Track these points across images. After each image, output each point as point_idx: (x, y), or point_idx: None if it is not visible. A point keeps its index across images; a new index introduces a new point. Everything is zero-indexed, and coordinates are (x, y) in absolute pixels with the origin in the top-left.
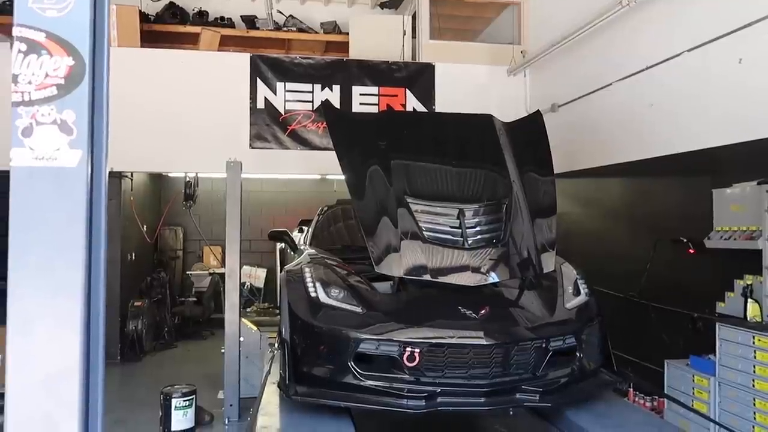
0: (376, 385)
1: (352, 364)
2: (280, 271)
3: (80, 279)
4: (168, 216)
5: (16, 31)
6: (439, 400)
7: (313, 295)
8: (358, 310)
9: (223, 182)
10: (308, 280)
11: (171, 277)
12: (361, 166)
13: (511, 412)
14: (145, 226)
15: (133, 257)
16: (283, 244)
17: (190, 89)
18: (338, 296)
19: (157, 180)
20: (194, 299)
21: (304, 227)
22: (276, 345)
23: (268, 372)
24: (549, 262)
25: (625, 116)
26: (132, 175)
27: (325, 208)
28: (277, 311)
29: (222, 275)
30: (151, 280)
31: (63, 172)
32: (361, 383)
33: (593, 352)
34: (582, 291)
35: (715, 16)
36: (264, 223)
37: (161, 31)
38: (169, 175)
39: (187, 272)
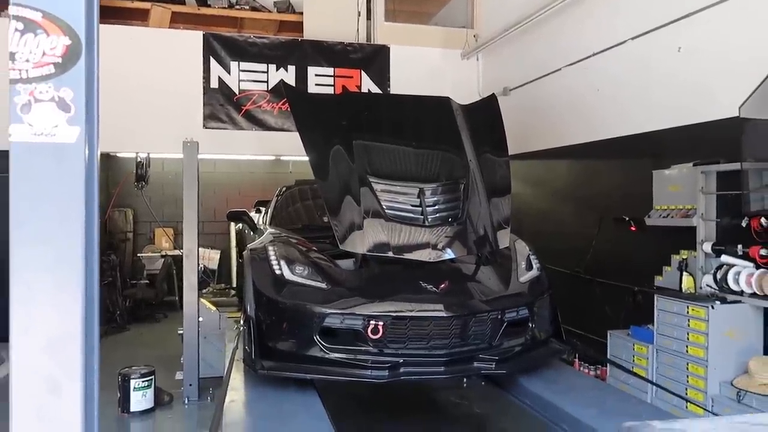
0: (341, 358)
1: (318, 338)
2: (236, 252)
3: (80, 250)
4: (118, 197)
5: (12, 10)
6: (401, 370)
7: (277, 272)
8: (323, 285)
9: (175, 163)
10: (272, 258)
11: (121, 260)
12: (323, 146)
13: (465, 384)
14: None
15: None
16: (240, 225)
17: (140, 68)
18: (302, 273)
19: (106, 161)
20: (146, 282)
21: (261, 208)
22: (241, 322)
23: (235, 348)
24: (504, 239)
25: (573, 101)
26: None
27: (284, 189)
28: (233, 292)
29: (174, 257)
30: (101, 263)
31: (62, 147)
32: (327, 356)
33: (544, 323)
34: (534, 266)
35: (657, 5)
36: (218, 205)
37: (108, 6)
38: (119, 155)
39: (138, 254)
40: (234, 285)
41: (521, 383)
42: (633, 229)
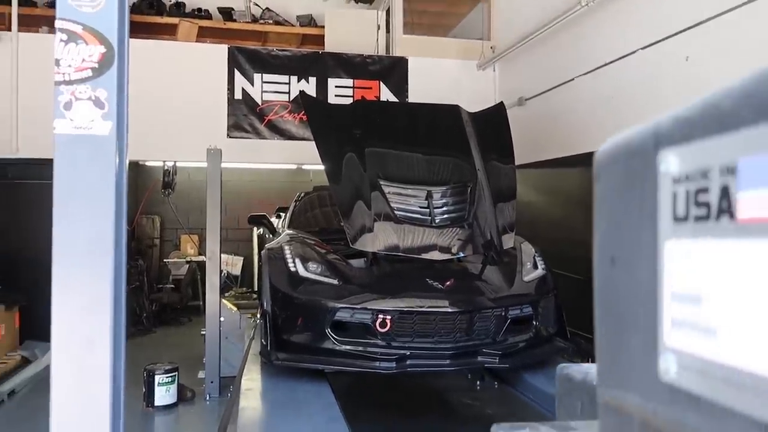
0: (351, 350)
1: (329, 331)
2: (257, 257)
3: (110, 229)
4: (146, 205)
5: (58, 24)
6: (408, 362)
7: (292, 269)
8: (335, 282)
9: (200, 172)
10: (288, 256)
11: (148, 265)
12: (337, 153)
13: (478, 386)
14: None
15: None
16: (261, 230)
17: (168, 80)
18: (316, 270)
19: (134, 168)
20: (172, 286)
21: (281, 213)
22: (257, 317)
23: (251, 340)
24: (509, 241)
25: (587, 109)
26: None
27: (302, 194)
28: (254, 295)
29: (199, 263)
30: (129, 268)
31: (97, 139)
32: (338, 348)
33: (548, 321)
34: (539, 266)
35: (666, 16)
36: (241, 212)
37: (138, 21)
38: (146, 164)
39: (165, 260)
40: (256, 288)
41: (525, 378)
42: None
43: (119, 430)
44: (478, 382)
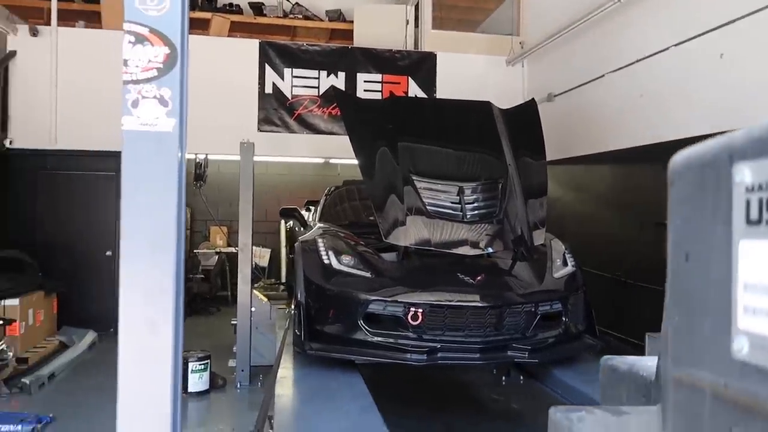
0: (383, 341)
1: (362, 322)
2: (285, 250)
3: (174, 220)
4: None
5: (126, 26)
6: (439, 355)
7: (326, 262)
8: (367, 275)
9: (230, 164)
10: (321, 249)
11: None
12: (371, 147)
13: (504, 381)
14: None
15: None
16: (290, 223)
17: (200, 74)
18: (349, 263)
19: None
20: (202, 276)
21: (311, 207)
22: (291, 308)
23: (286, 331)
24: (539, 237)
25: (617, 106)
26: None
27: (333, 188)
28: (282, 287)
29: (228, 254)
30: None
31: (162, 135)
32: (370, 339)
33: (577, 318)
34: (569, 263)
35: (700, 13)
36: (269, 205)
37: None
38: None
39: (195, 251)
40: (283, 280)
41: (554, 374)
42: None
43: (178, 406)
44: (503, 378)
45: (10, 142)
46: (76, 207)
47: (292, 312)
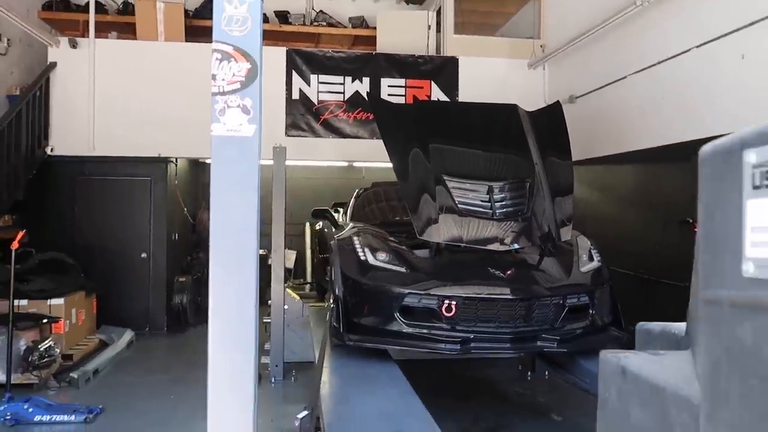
0: (418, 332)
1: (398, 314)
2: (311, 251)
3: (255, 213)
4: (205, 200)
5: (214, 45)
6: (471, 345)
7: (362, 258)
8: (402, 270)
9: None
10: (357, 246)
11: (208, 258)
12: (403, 150)
13: (529, 377)
14: (185, 209)
15: (176, 237)
16: (319, 224)
17: None
18: (385, 259)
19: (195, 166)
20: None
21: (339, 208)
22: (330, 302)
23: (329, 326)
24: (566, 233)
25: (638, 107)
26: (177, 161)
27: (362, 190)
28: (307, 286)
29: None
30: (191, 260)
31: (244, 140)
32: (406, 330)
33: (604, 311)
34: (595, 258)
35: (721, 15)
36: (294, 208)
37: (200, 26)
38: (207, 161)
39: None
40: (309, 280)
41: (582, 364)
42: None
43: (256, 385)
44: (529, 373)
45: (51, 150)
46: (112, 211)
47: (330, 306)
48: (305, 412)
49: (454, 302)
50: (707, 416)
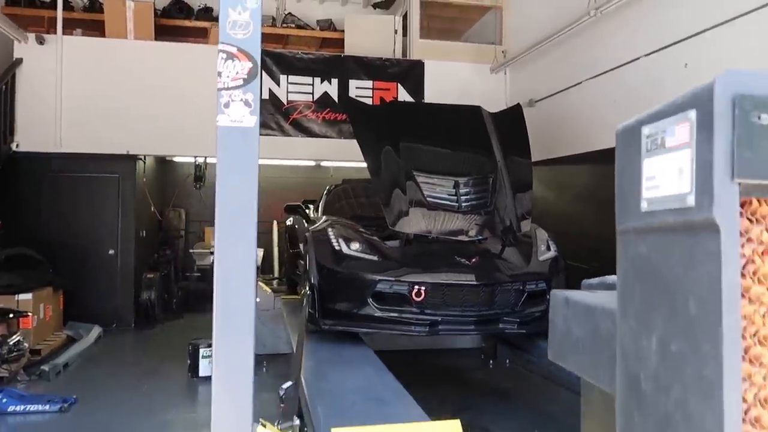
0: (390, 316)
1: (371, 300)
2: (280, 247)
3: (254, 193)
4: (173, 198)
5: (220, 46)
6: (439, 327)
7: (336, 248)
8: (375, 258)
9: None
10: (332, 236)
11: (175, 255)
12: (376, 148)
13: (491, 365)
14: (153, 206)
15: (144, 234)
16: (290, 220)
17: (200, 81)
18: (358, 248)
19: (162, 164)
20: (198, 275)
21: (309, 205)
22: (306, 290)
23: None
24: (526, 226)
25: (593, 111)
26: (145, 159)
27: (333, 187)
28: (275, 281)
29: None
30: (158, 257)
31: (246, 130)
32: (378, 315)
33: None
34: (552, 248)
35: (667, 27)
36: (261, 206)
37: (169, 25)
38: (174, 159)
39: (190, 250)
40: (277, 276)
41: (540, 345)
42: None
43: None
44: (491, 361)
45: (17, 146)
46: (80, 208)
47: (306, 294)
48: (289, 383)
49: (423, 288)
50: (620, 314)
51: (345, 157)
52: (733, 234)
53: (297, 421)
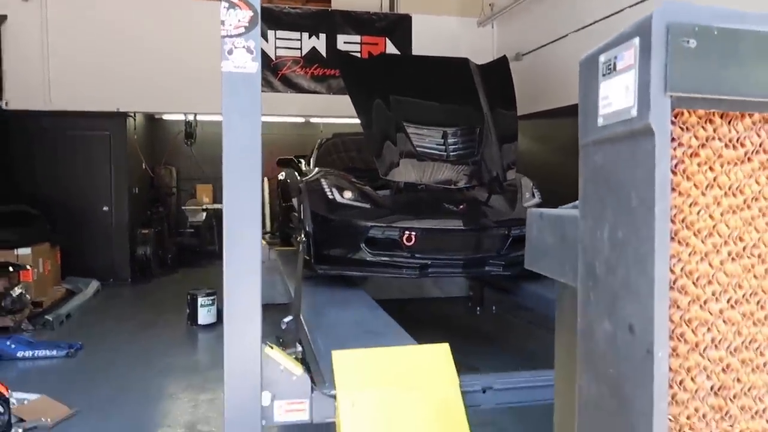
0: (382, 260)
1: (364, 245)
2: (272, 201)
3: (258, 134)
4: (164, 156)
5: None
6: (429, 270)
7: (330, 197)
8: (367, 206)
9: (214, 125)
10: (325, 186)
11: (168, 212)
12: (367, 101)
13: (478, 312)
14: (144, 163)
15: (137, 191)
16: (282, 175)
17: (186, 36)
18: (351, 197)
19: (151, 122)
20: (191, 231)
21: (300, 160)
22: (301, 238)
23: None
24: (511, 175)
25: (578, 65)
26: (135, 116)
27: (324, 140)
28: (268, 235)
29: (214, 210)
30: (152, 214)
31: (249, 76)
32: (371, 259)
33: None
34: (536, 196)
35: None
36: None
37: None
38: (164, 118)
39: (182, 207)
40: (269, 230)
41: (524, 287)
42: None
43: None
44: (477, 308)
45: (6, 104)
46: (72, 165)
47: (302, 241)
48: (290, 317)
49: (413, 233)
50: (581, 215)
51: (334, 113)
52: (665, 137)
53: (300, 348)
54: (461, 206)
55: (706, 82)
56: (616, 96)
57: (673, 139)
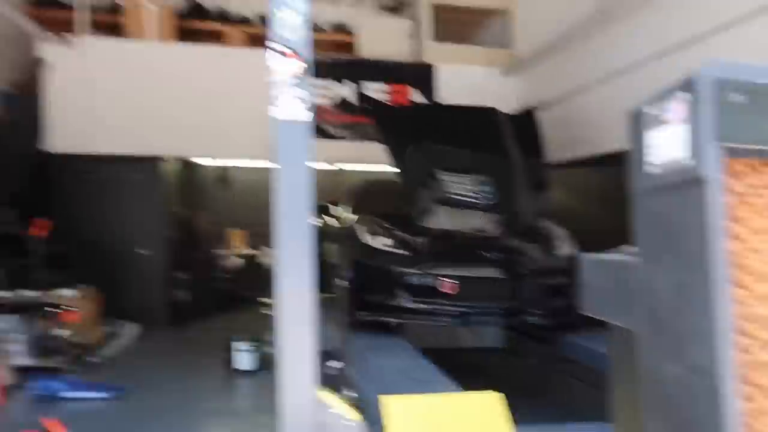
0: (420, 308)
1: (403, 292)
2: None
3: (307, 180)
4: (198, 201)
5: (269, 44)
6: (468, 318)
7: (368, 244)
8: (405, 253)
9: (247, 172)
10: (363, 233)
11: (204, 256)
12: (401, 148)
13: (515, 362)
14: (181, 208)
15: (173, 235)
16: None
17: (225, 83)
18: (388, 244)
19: (187, 167)
20: (227, 276)
21: (331, 205)
22: (340, 283)
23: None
24: (544, 223)
25: (602, 114)
26: (171, 161)
27: (358, 187)
28: None
29: (246, 256)
30: (188, 258)
31: (300, 124)
32: (409, 306)
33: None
34: (570, 244)
35: (669, 31)
36: None
37: (190, 27)
38: (198, 162)
39: (217, 252)
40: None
41: (564, 339)
42: None
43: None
44: (514, 359)
45: (50, 147)
46: (111, 208)
47: (341, 289)
48: (334, 362)
49: (450, 281)
50: (639, 262)
51: (362, 159)
52: (717, 184)
53: (354, 393)
54: (497, 255)
55: (753, 133)
56: (667, 146)
57: (724, 187)
